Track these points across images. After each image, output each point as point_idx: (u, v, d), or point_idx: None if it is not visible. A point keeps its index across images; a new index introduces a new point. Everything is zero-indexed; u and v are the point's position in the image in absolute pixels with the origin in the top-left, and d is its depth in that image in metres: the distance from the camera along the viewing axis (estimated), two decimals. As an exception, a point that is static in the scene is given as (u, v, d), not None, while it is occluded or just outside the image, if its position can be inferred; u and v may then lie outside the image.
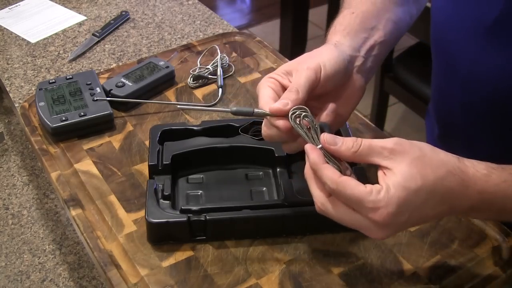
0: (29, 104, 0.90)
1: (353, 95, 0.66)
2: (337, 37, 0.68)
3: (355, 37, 0.67)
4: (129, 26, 1.13)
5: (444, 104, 0.84)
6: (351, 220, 0.54)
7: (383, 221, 0.52)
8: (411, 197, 0.52)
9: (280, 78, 0.62)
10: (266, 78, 0.63)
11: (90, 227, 0.69)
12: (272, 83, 0.62)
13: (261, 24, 2.92)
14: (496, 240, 0.67)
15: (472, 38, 0.71)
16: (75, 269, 0.86)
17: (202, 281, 0.63)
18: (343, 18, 0.70)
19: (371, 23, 0.69)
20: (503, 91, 0.71)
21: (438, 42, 0.81)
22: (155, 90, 0.91)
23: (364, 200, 0.52)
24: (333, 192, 0.54)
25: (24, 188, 1.00)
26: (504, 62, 0.69)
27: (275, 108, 0.59)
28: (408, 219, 0.53)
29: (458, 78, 0.76)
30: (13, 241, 0.90)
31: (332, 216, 0.55)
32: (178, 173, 0.75)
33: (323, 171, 0.54)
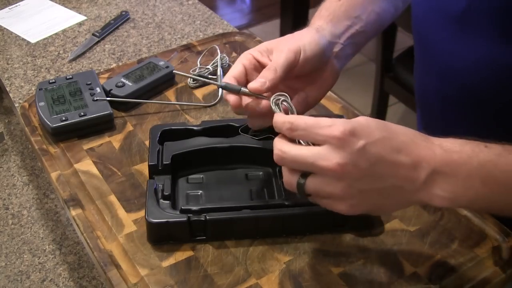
0: (29, 104, 0.90)
1: (327, 79, 0.68)
2: (320, 22, 0.70)
3: (337, 24, 0.69)
4: (129, 26, 1.13)
5: (424, 94, 0.86)
6: (307, 150, 0.53)
7: (337, 137, 0.51)
8: (370, 128, 0.52)
9: (259, 55, 0.64)
10: (245, 53, 0.65)
11: (90, 227, 0.69)
12: (247, 60, 0.64)
13: (261, 24, 2.92)
14: (496, 240, 0.67)
15: (445, 30, 0.74)
16: (75, 269, 0.86)
17: (202, 281, 0.63)
18: (330, 4, 0.73)
19: (355, 12, 0.71)
20: (475, 82, 0.73)
21: (418, 34, 0.83)
22: (155, 90, 0.91)
23: (321, 121, 0.53)
24: (292, 125, 0.54)
25: (24, 188, 1.00)
26: (474, 54, 0.71)
27: (253, 87, 0.61)
28: (363, 149, 0.52)
29: (435, 69, 0.79)
30: (13, 241, 0.90)
31: (287, 154, 0.54)
32: (178, 173, 0.75)
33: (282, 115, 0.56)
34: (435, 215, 0.70)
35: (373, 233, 0.68)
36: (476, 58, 0.71)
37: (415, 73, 0.89)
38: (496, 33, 0.68)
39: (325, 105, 0.88)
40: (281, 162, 0.56)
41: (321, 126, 0.53)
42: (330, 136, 0.52)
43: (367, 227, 0.69)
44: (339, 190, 0.53)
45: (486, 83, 0.72)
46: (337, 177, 0.52)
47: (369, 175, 0.53)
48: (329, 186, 0.53)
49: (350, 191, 0.53)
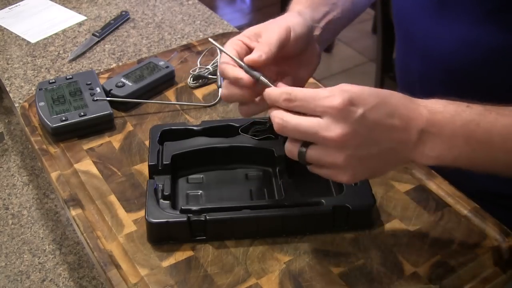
0: (29, 104, 0.90)
1: (312, 61, 0.69)
2: (299, 7, 0.71)
3: (316, 10, 0.71)
4: (129, 26, 1.13)
5: (406, 76, 0.89)
6: (309, 121, 0.54)
7: (337, 107, 0.52)
8: (365, 95, 0.54)
9: (248, 40, 0.64)
10: (232, 39, 0.64)
11: (90, 227, 0.69)
12: (237, 45, 0.63)
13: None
14: (496, 240, 0.67)
15: (424, 12, 0.76)
16: (75, 269, 0.86)
17: (202, 281, 0.63)
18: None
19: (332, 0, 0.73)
20: (456, 63, 0.75)
21: (398, 16, 0.86)
22: (155, 90, 0.91)
23: (320, 92, 0.54)
24: (289, 96, 0.55)
25: (24, 188, 1.00)
26: (453, 36, 0.74)
27: (250, 59, 0.60)
28: (362, 116, 0.53)
29: (416, 50, 0.81)
30: (13, 241, 0.90)
31: (289, 123, 0.55)
32: (178, 173, 0.75)
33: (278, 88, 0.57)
34: (435, 215, 0.70)
35: (373, 233, 0.68)
36: (457, 40, 0.73)
37: (397, 55, 0.92)
38: (476, 15, 0.71)
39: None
40: (281, 131, 0.56)
41: (319, 97, 0.53)
42: (330, 106, 0.53)
43: (367, 227, 0.69)
44: (341, 160, 0.54)
45: (467, 64, 0.74)
46: (339, 147, 0.54)
47: (368, 141, 0.55)
48: (331, 156, 0.55)
49: (351, 160, 0.55)
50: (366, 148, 0.55)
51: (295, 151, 0.57)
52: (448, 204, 0.71)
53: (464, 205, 0.71)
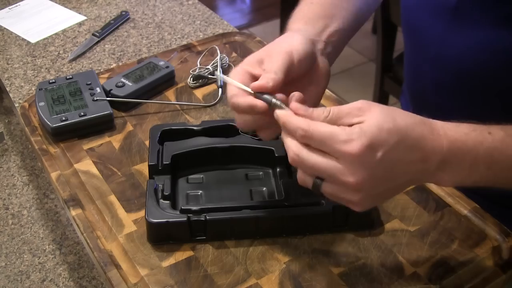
0: (29, 104, 0.90)
1: (321, 78, 0.67)
2: (297, 25, 0.69)
3: (315, 25, 0.69)
4: (129, 26, 1.13)
5: (417, 83, 0.87)
6: (325, 163, 0.53)
7: (357, 154, 0.51)
8: (384, 135, 0.52)
9: (251, 68, 0.62)
10: (236, 69, 0.63)
11: (90, 227, 0.69)
12: (242, 74, 0.62)
13: (261, 24, 2.92)
14: (496, 240, 0.67)
15: (438, 18, 0.75)
16: (75, 269, 0.86)
17: (202, 281, 0.63)
18: (302, 8, 0.72)
19: (330, 12, 0.71)
20: (471, 69, 0.74)
21: (408, 23, 0.84)
22: (155, 90, 0.91)
23: (338, 133, 0.52)
24: (306, 134, 0.53)
25: (24, 188, 1.00)
26: (469, 41, 0.72)
27: (257, 84, 0.59)
28: (382, 160, 0.52)
29: (428, 57, 0.80)
30: (13, 241, 0.90)
31: (305, 162, 0.54)
32: (178, 173, 0.75)
33: (294, 118, 0.55)
34: (435, 215, 0.70)
35: (373, 233, 0.68)
36: (472, 45, 0.72)
37: (406, 62, 0.90)
38: (492, 19, 0.70)
39: (325, 105, 0.88)
40: (295, 165, 0.55)
41: (337, 140, 0.52)
42: (348, 153, 0.51)
43: (367, 227, 0.69)
44: (357, 199, 0.54)
45: (482, 69, 0.73)
46: (355, 190, 0.53)
47: (386, 180, 0.54)
48: (347, 194, 0.54)
49: (367, 198, 0.54)
50: (383, 185, 0.54)
51: (309, 182, 0.55)
52: (448, 204, 0.71)
53: (464, 205, 0.71)
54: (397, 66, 1.71)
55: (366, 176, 0.52)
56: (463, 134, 0.56)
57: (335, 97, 0.90)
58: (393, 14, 1.62)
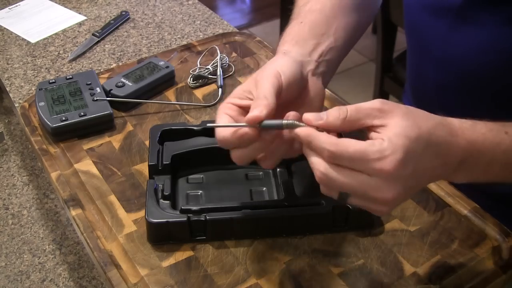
0: (29, 104, 0.90)
1: (315, 99, 0.65)
2: (285, 46, 0.67)
3: (304, 45, 0.67)
4: (129, 26, 1.13)
5: (420, 84, 0.86)
6: (357, 182, 0.51)
7: (393, 170, 0.50)
8: (413, 145, 0.51)
9: (238, 100, 0.59)
10: (222, 104, 0.60)
11: (90, 227, 0.69)
12: (228, 108, 0.59)
13: (261, 24, 2.92)
14: (496, 240, 0.67)
15: (442, 19, 0.74)
16: (75, 269, 0.86)
17: (202, 281, 0.63)
18: (291, 28, 0.70)
19: (320, 31, 0.69)
20: (475, 69, 0.73)
21: (411, 23, 0.83)
22: (155, 90, 0.91)
23: (369, 152, 0.50)
24: (334, 155, 0.51)
25: (24, 188, 1.00)
26: (473, 42, 0.72)
27: (252, 116, 0.55)
28: (413, 171, 0.51)
29: (432, 58, 0.79)
30: (13, 241, 0.90)
31: (335, 181, 0.51)
32: (178, 173, 0.75)
33: (319, 137, 0.52)
34: (435, 215, 0.70)
35: (373, 233, 0.68)
36: (476, 45, 0.72)
37: (409, 64, 0.89)
38: (496, 19, 0.69)
39: (326, 105, 0.88)
40: (324, 185, 0.53)
41: (369, 159, 0.50)
42: (384, 171, 0.50)
43: (367, 227, 0.69)
44: (386, 209, 0.53)
45: (486, 69, 0.73)
46: (387, 204, 0.52)
47: (413, 188, 0.54)
48: (377, 206, 0.53)
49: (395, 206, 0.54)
50: (410, 192, 0.54)
51: (334, 194, 0.53)
52: (448, 204, 0.71)
53: (464, 205, 0.71)
54: (397, 66, 1.71)
55: (400, 190, 0.51)
56: (480, 134, 0.56)
57: (335, 97, 0.90)
58: (393, 14, 1.62)
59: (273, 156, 0.59)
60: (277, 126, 0.55)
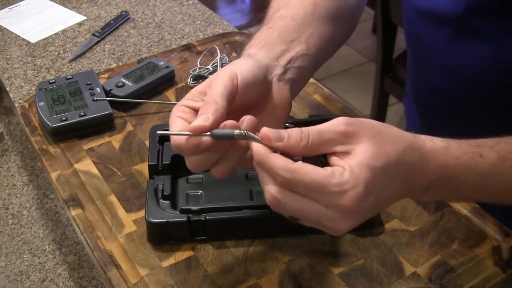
0: (29, 104, 0.90)
1: (279, 106, 0.61)
2: (251, 49, 0.64)
3: (272, 49, 0.63)
4: (129, 26, 1.13)
5: (421, 91, 0.86)
6: (311, 210, 0.47)
7: (352, 206, 0.47)
8: (377, 177, 0.48)
9: (192, 102, 0.56)
10: (176, 106, 0.56)
11: (90, 227, 0.69)
12: (181, 111, 0.55)
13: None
14: (496, 240, 0.67)
15: (443, 28, 0.73)
16: (75, 269, 0.86)
17: (202, 281, 0.63)
18: (260, 33, 0.67)
19: (290, 37, 0.65)
20: (476, 79, 0.73)
21: (411, 31, 0.83)
22: (155, 90, 0.91)
23: (327, 184, 0.46)
24: (288, 182, 0.47)
25: (24, 188, 1.00)
26: (475, 52, 0.71)
27: (195, 126, 0.51)
28: (375, 202, 0.48)
29: (433, 66, 0.78)
30: (13, 241, 0.90)
31: (287, 208, 0.48)
32: (178, 173, 0.75)
33: (273, 160, 0.47)
34: (435, 215, 0.70)
35: (373, 233, 0.68)
36: (477, 55, 0.72)
37: (409, 71, 0.89)
38: (498, 29, 0.69)
39: (325, 105, 0.88)
40: (274, 208, 0.49)
41: (327, 191, 0.47)
42: (340, 206, 0.47)
43: (367, 227, 0.69)
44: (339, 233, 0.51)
45: (488, 77, 0.73)
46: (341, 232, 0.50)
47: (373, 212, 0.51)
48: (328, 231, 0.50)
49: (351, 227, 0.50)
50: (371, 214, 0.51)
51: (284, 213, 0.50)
52: (448, 204, 0.71)
53: (464, 205, 0.71)
54: (397, 66, 1.71)
55: (356, 222, 0.49)
56: (453, 158, 0.53)
57: (335, 97, 0.90)
58: (393, 14, 1.62)
59: (226, 163, 0.55)
60: (228, 137, 0.51)
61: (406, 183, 0.51)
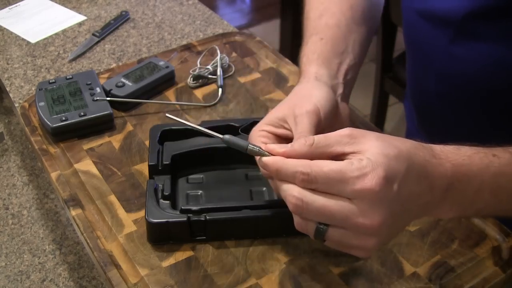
0: (29, 104, 0.90)
1: (343, 122, 0.63)
2: (313, 68, 0.65)
3: (330, 65, 0.65)
4: (129, 26, 1.13)
5: (421, 95, 0.86)
6: (337, 205, 0.46)
7: (375, 188, 0.45)
8: (394, 163, 0.46)
9: (274, 128, 0.58)
10: (257, 131, 0.58)
11: (90, 227, 0.69)
12: (264, 136, 0.57)
13: (261, 24, 2.92)
14: (496, 240, 0.67)
15: (443, 32, 0.73)
16: (75, 269, 0.86)
17: (202, 281, 0.63)
18: (314, 45, 0.68)
19: (341, 48, 0.67)
20: (476, 82, 0.73)
21: (410, 35, 0.83)
22: (155, 90, 0.91)
23: (347, 171, 0.45)
24: (308, 177, 0.46)
25: (24, 188, 1.00)
26: (475, 55, 0.71)
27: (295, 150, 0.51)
28: (398, 193, 0.46)
29: (432, 69, 0.78)
30: (13, 241, 0.90)
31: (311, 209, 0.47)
32: (178, 173, 0.75)
33: (289, 161, 0.48)
34: (435, 215, 0.70)
35: (373, 233, 0.68)
36: (477, 59, 0.71)
37: (408, 74, 0.89)
38: (497, 33, 0.69)
39: (325, 105, 0.88)
40: (299, 213, 0.48)
41: (348, 177, 0.45)
42: (365, 190, 0.45)
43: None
44: (372, 244, 0.48)
45: (488, 81, 0.72)
46: (373, 233, 0.47)
47: (400, 217, 0.49)
48: (360, 241, 0.48)
49: (380, 242, 0.48)
50: (397, 224, 0.49)
51: (310, 228, 0.48)
52: (448, 204, 0.71)
53: (464, 205, 0.71)
54: (397, 66, 1.71)
55: (386, 214, 0.46)
56: (466, 157, 0.51)
57: (335, 97, 0.90)
58: (393, 14, 1.62)
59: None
60: (240, 147, 0.52)
61: (424, 180, 0.49)
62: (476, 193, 0.52)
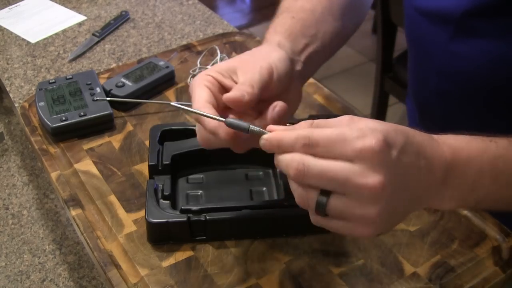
0: (29, 104, 0.90)
1: (293, 100, 0.62)
2: (278, 37, 0.64)
3: (295, 41, 0.64)
4: (129, 26, 1.13)
5: (422, 92, 0.86)
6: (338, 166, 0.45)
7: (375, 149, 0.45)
8: (393, 133, 0.46)
9: (221, 77, 0.55)
10: (204, 75, 0.55)
11: (90, 227, 0.69)
12: (209, 81, 0.54)
13: (261, 24, 2.92)
14: (496, 240, 0.67)
15: (443, 29, 0.74)
16: (75, 269, 0.86)
17: (202, 281, 0.63)
18: (284, 20, 0.67)
19: (310, 31, 0.66)
20: (476, 79, 0.73)
21: (412, 31, 0.83)
22: (155, 90, 0.91)
23: (347, 132, 0.45)
24: (309, 141, 0.46)
25: (24, 188, 1.00)
26: (475, 52, 0.71)
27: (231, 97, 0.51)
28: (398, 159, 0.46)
29: (433, 66, 0.78)
30: (13, 241, 0.90)
31: (312, 172, 0.46)
32: (178, 173, 0.75)
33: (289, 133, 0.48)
34: (435, 215, 0.70)
35: (373, 233, 0.68)
36: (477, 55, 0.72)
37: (410, 71, 0.89)
38: (497, 29, 0.69)
39: (326, 105, 0.88)
40: (301, 179, 0.47)
41: (348, 138, 0.45)
42: (366, 149, 0.45)
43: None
44: (374, 213, 0.46)
45: (488, 78, 0.73)
46: (374, 198, 0.45)
47: (401, 188, 0.47)
48: (362, 208, 0.46)
49: (384, 213, 0.46)
50: (399, 196, 0.47)
51: (311, 200, 0.47)
52: (448, 204, 0.71)
53: (464, 205, 0.71)
54: (397, 66, 1.71)
55: (386, 176, 0.45)
56: (464, 142, 0.52)
57: (335, 97, 0.90)
58: (393, 14, 1.62)
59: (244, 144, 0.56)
60: (242, 128, 0.51)
61: (424, 159, 0.48)
62: (476, 177, 0.52)
